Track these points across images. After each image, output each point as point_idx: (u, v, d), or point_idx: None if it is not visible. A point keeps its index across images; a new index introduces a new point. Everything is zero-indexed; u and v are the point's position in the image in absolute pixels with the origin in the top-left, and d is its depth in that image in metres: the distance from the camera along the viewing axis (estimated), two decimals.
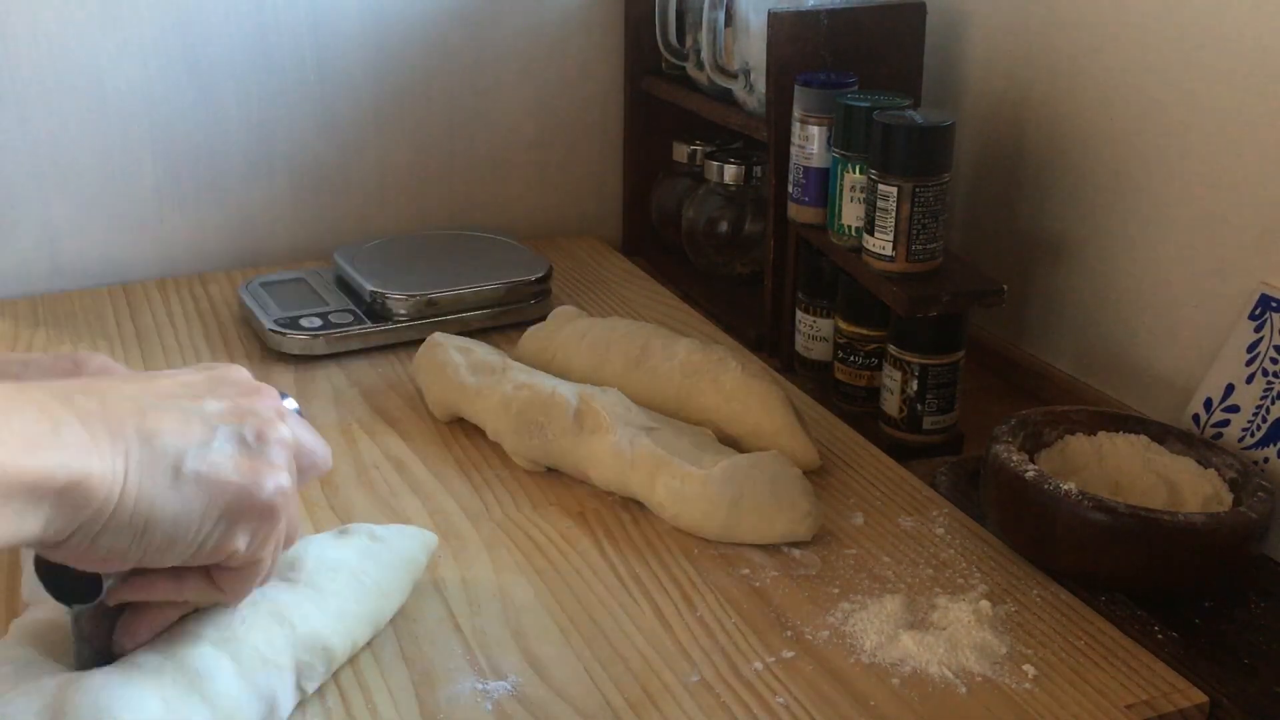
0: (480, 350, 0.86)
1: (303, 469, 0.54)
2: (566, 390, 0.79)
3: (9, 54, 0.88)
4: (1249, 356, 0.76)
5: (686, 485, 0.71)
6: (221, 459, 0.48)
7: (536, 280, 1.03)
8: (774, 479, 0.71)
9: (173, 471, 0.46)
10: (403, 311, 0.98)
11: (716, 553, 0.70)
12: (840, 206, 0.88)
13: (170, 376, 0.51)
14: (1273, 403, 0.74)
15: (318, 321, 0.96)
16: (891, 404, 0.86)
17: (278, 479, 0.50)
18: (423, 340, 0.91)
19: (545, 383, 0.80)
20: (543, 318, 0.95)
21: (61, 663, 0.53)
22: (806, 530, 0.71)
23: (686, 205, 1.16)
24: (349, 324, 0.96)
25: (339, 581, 0.60)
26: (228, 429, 0.49)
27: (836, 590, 0.67)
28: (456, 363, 0.85)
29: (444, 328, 0.96)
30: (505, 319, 1.01)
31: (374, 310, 0.98)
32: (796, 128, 0.91)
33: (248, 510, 0.49)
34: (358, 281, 1.01)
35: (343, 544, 0.63)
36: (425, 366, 0.87)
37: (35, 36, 1.03)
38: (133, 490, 0.45)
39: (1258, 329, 0.76)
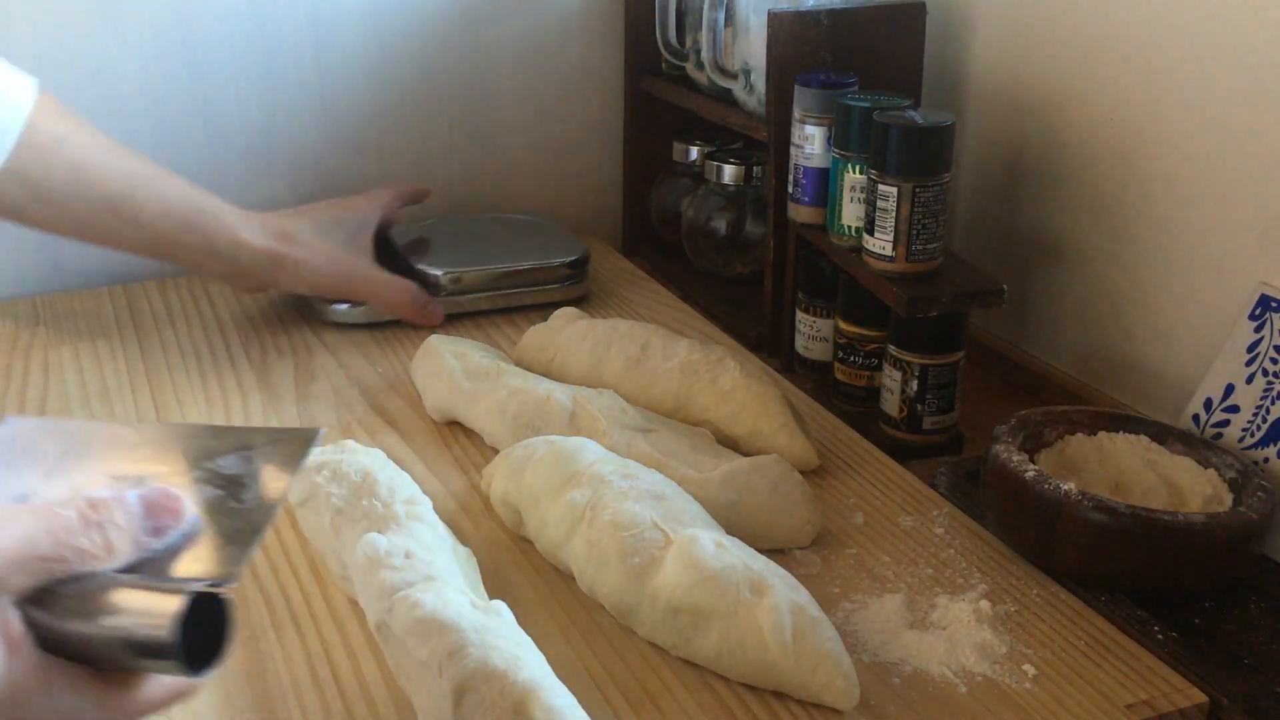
0: (476, 354, 0.86)
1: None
2: (561, 394, 0.79)
3: (9, 54, 0.87)
4: (1249, 356, 0.76)
5: (684, 489, 0.71)
6: None
7: (571, 263, 1.06)
8: (774, 485, 0.70)
9: None
10: (445, 284, 1.02)
11: None
12: (840, 206, 0.88)
13: None
14: (1273, 403, 0.74)
15: None
16: (891, 404, 0.86)
17: None
18: (460, 314, 1.00)
19: (540, 386, 0.80)
20: (583, 298, 1.02)
21: None
22: (805, 538, 0.70)
23: (686, 205, 1.16)
24: None
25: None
26: None
27: (836, 590, 0.67)
28: (451, 368, 0.85)
29: (480, 303, 1.02)
30: (540, 298, 1.05)
31: None
32: (796, 128, 0.91)
33: None
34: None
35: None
36: (421, 371, 0.87)
37: (35, 36, 1.03)
38: None
39: (1258, 329, 0.76)
